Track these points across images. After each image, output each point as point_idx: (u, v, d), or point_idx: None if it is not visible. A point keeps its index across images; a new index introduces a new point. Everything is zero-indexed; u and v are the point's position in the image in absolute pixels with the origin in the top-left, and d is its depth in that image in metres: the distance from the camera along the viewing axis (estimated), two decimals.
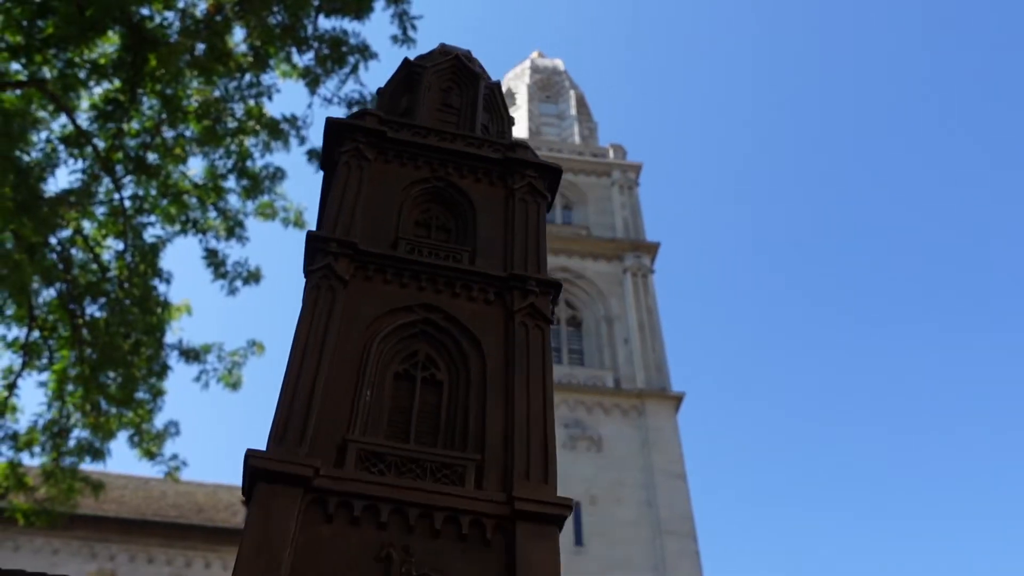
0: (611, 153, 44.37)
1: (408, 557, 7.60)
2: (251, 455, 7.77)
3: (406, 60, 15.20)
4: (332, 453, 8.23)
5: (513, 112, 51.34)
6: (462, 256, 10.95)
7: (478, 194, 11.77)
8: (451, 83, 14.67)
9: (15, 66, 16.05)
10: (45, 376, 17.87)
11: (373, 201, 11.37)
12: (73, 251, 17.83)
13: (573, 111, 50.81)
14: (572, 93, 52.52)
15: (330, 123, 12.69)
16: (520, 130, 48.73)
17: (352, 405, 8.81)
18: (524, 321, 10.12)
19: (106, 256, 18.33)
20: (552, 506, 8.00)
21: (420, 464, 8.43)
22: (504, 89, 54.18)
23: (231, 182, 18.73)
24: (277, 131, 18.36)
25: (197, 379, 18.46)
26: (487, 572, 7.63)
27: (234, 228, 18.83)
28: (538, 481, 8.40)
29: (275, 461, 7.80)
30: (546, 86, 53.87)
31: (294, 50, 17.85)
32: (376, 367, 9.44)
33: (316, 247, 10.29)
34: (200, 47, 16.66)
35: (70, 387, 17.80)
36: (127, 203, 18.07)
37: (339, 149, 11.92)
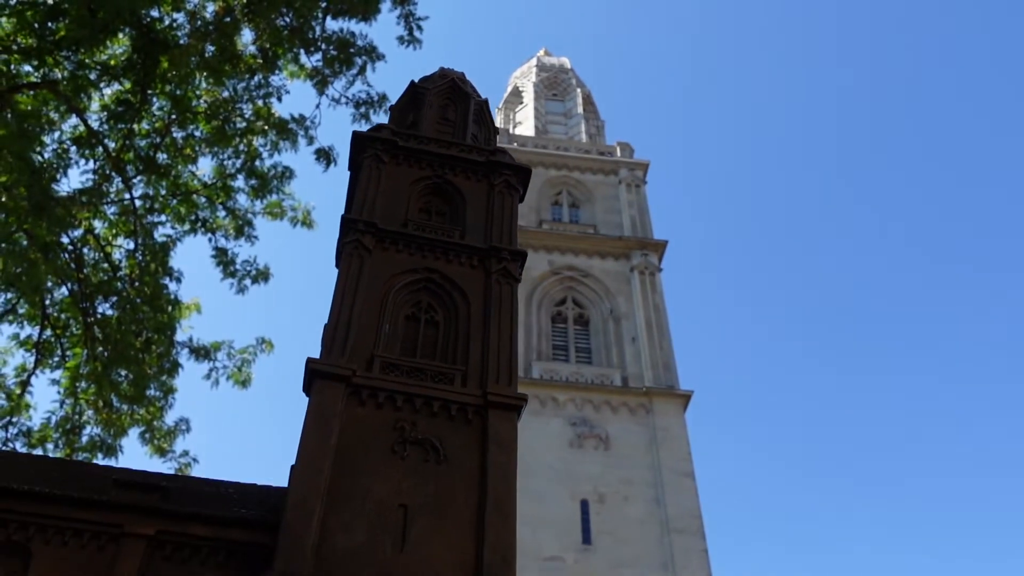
0: (618, 151, 44.29)
1: (415, 428, 11.27)
2: (311, 361, 11.50)
3: (412, 83, 17.90)
4: (364, 363, 11.93)
5: (520, 110, 51.31)
6: (454, 233, 14.42)
7: (467, 188, 15.25)
8: (448, 101, 17.41)
9: (27, 68, 16.24)
10: (58, 374, 18.09)
11: (388, 193, 14.77)
12: (85, 250, 18.02)
13: (580, 109, 50.76)
14: (579, 91, 52.47)
15: (355, 135, 15.64)
16: (526, 128, 48.69)
17: (376, 334, 12.47)
18: (499, 279, 13.76)
19: (117, 255, 18.52)
20: (513, 399, 11.85)
21: (423, 371, 12.13)
22: (511, 87, 54.15)
23: (240, 182, 18.90)
24: (286, 131, 18.50)
25: (207, 377, 18.63)
26: (469, 439, 11.33)
27: (243, 227, 18.99)
28: (504, 384, 12.11)
29: (327, 364, 11.58)
30: (553, 84, 53.83)
31: (302, 51, 17.97)
32: (392, 310, 13.06)
33: (348, 226, 13.87)
34: (209, 48, 16.79)
35: (82, 385, 18.00)
36: (137, 203, 18.26)
37: (362, 155, 15.34)
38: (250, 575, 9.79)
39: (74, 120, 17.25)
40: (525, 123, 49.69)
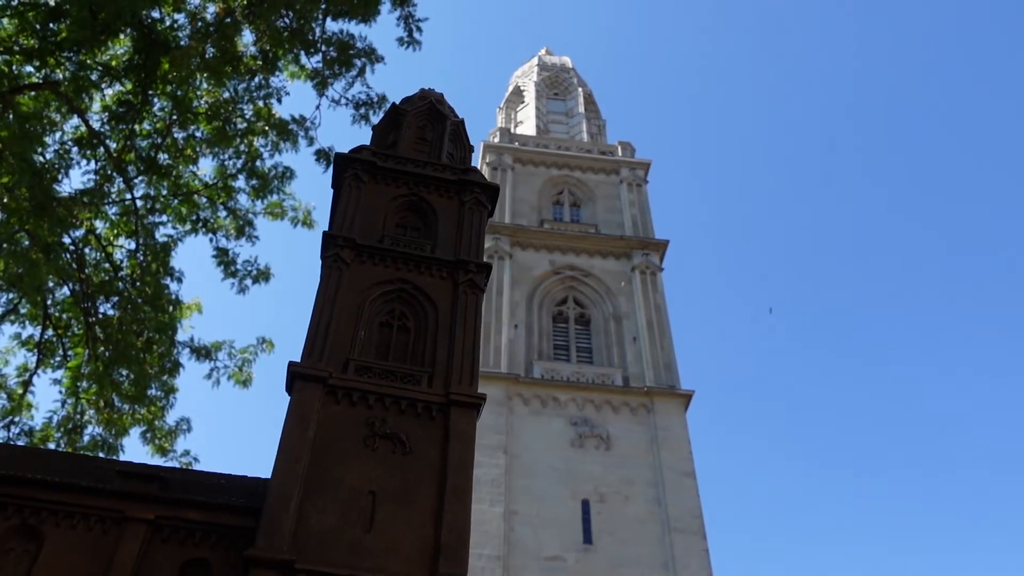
0: (619, 150, 44.25)
1: (384, 423, 12.48)
2: (292, 364, 12.74)
3: (393, 104, 18.89)
4: (340, 365, 13.16)
5: (521, 109, 51.32)
6: (426, 247, 15.48)
7: (440, 205, 16.39)
8: (426, 121, 18.40)
9: (29, 69, 16.30)
10: (59, 374, 18.15)
11: (367, 210, 15.79)
12: (86, 250, 18.09)
13: (581, 108, 50.74)
14: (580, 90, 52.46)
15: (337, 156, 16.60)
16: (528, 127, 48.70)
17: (352, 339, 13.56)
18: (465, 290, 14.78)
19: (118, 255, 18.59)
20: (473, 398, 13.11)
21: (394, 373, 13.24)
22: (512, 86, 54.17)
23: (241, 182, 18.97)
24: (286, 132, 18.57)
25: (208, 376, 18.69)
26: (432, 434, 12.54)
27: (244, 227, 19.06)
28: (466, 384, 13.33)
29: (306, 367, 12.80)
30: (554, 83, 53.84)
31: (302, 53, 18.03)
32: (367, 317, 14.10)
33: (329, 241, 14.92)
34: (210, 50, 16.84)
35: (84, 384, 18.07)
36: (139, 203, 18.33)
37: (344, 174, 16.24)
38: (238, 554, 10.95)
39: (75, 121, 17.33)
40: (526, 122, 49.73)
